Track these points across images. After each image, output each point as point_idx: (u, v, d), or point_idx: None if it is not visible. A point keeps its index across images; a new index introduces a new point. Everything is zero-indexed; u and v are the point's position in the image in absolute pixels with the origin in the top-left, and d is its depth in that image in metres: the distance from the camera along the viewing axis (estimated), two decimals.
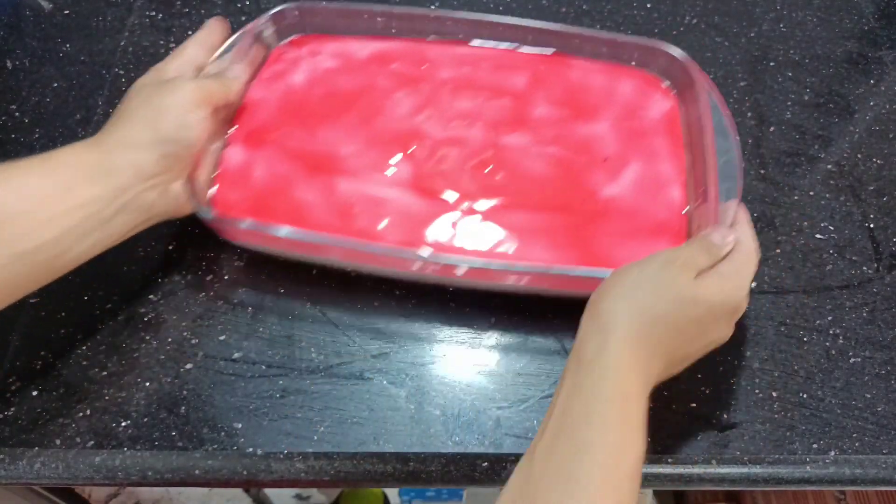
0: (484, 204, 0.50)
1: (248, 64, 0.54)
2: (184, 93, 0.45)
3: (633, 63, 0.58)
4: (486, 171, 0.51)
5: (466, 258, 0.47)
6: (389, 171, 0.51)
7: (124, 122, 0.44)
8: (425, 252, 0.46)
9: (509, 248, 0.48)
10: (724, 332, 0.41)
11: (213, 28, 0.52)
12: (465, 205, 0.50)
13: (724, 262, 0.40)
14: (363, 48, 0.58)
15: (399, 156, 0.52)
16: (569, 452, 0.33)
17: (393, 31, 0.59)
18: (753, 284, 0.43)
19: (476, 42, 0.59)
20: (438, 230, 0.48)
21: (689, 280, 0.38)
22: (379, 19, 0.58)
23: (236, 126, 0.53)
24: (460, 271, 0.46)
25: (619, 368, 0.35)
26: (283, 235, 0.47)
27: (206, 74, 0.50)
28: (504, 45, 0.58)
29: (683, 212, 0.50)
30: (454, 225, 0.49)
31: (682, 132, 0.54)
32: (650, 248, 0.47)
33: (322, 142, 0.52)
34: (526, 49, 0.58)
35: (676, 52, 0.55)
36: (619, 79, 0.57)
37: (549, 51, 0.58)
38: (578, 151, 0.53)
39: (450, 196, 0.50)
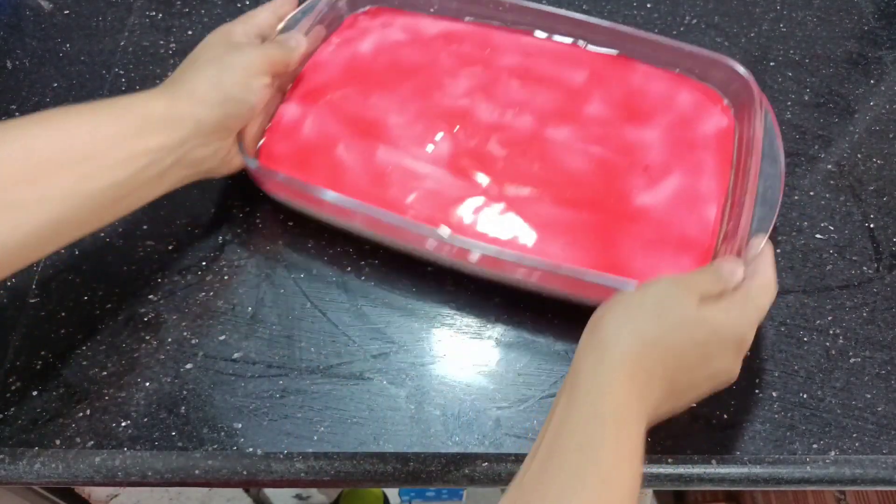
0: (514, 191, 0.50)
1: (314, 34, 0.56)
2: (250, 58, 0.47)
3: (696, 75, 0.56)
4: (524, 159, 0.52)
5: (481, 244, 0.46)
6: (430, 147, 0.52)
7: (192, 74, 0.45)
8: (443, 232, 0.46)
9: (529, 239, 0.48)
10: (729, 365, 0.39)
11: None
12: (496, 190, 0.50)
13: (734, 291, 0.39)
14: (432, 25, 0.60)
15: (442, 133, 0.53)
16: (559, 480, 0.32)
17: (462, 12, 0.61)
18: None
19: (541, 34, 0.59)
20: (464, 211, 0.49)
21: (693, 302, 0.37)
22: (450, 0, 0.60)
23: (297, 83, 0.56)
24: (474, 257, 0.46)
25: (614, 390, 0.34)
26: (312, 194, 0.48)
27: (270, 41, 0.52)
28: (569, 41, 0.59)
29: (716, 233, 0.48)
30: (481, 208, 0.49)
31: (732, 152, 0.52)
32: (672, 262, 0.46)
33: (374, 108, 0.54)
34: (591, 48, 0.59)
35: (740, 68, 0.54)
36: (680, 89, 0.56)
37: (613, 51, 0.58)
38: (621, 153, 0.52)
39: (483, 179, 0.51)
